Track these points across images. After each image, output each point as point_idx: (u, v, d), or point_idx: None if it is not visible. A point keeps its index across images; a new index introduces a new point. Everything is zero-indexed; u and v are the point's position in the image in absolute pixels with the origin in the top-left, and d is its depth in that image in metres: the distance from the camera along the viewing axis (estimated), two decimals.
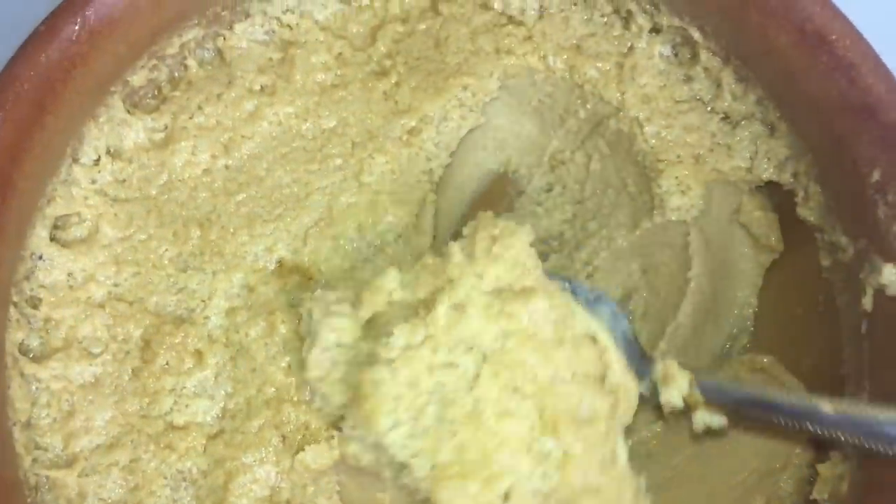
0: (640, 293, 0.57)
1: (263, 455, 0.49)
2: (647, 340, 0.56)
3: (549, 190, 0.60)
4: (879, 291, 0.44)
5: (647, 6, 0.53)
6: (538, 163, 0.60)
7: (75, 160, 0.51)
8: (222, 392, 0.50)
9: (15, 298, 0.48)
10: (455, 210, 0.59)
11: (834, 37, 0.45)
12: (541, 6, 0.56)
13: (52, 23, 0.47)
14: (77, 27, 0.47)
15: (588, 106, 0.57)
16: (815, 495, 0.46)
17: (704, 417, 0.48)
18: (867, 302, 0.45)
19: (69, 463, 0.47)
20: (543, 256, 0.58)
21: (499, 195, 0.60)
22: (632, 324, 0.54)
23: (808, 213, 0.50)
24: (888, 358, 0.43)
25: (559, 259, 0.58)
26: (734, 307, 0.57)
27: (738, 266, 0.57)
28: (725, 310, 0.57)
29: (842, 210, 0.47)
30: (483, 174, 0.60)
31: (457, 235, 0.57)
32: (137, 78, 0.53)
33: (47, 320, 0.50)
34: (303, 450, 0.49)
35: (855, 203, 0.45)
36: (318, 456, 0.49)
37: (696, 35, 0.52)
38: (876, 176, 0.44)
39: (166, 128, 0.54)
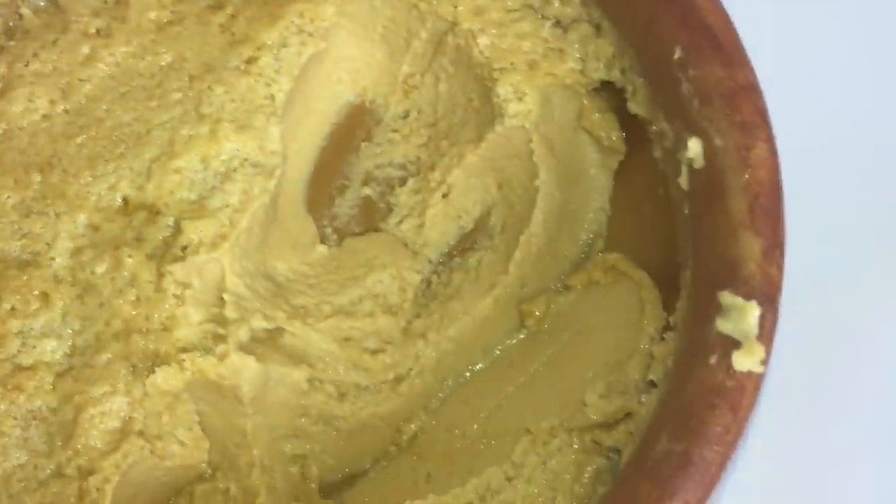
0: (497, 209, 0.58)
1: (113, 386, 0.49)
2: (505, 253, 0.57)
3: (406, 116, 0.60)
4: (691, 168, 0.45)
5: None
6: (392, 90, 0.60)
7: None
8: (69, 330, 0.50)
9: None
10: (314, 142, 0.59)
11: None
12: None
13: None
14: None
15: (427, 25, 0.57)
16: (651, 376, 0.47)
17: None
18: (684, 181, 0.45)
19: None
20: (401, 181, 0.59)
21: (357, 125, 0.60)
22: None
23: (637, 107, 0.51)
24: (701, 230, 0.43)
25: (416, 182, 0.58)
26: (588, 212, 0.58)
27: (587, 172, 0.57)
28: (579, 216, 0.58)
29: (660, 97, 0.48)
30: (340, 106, 0.60)
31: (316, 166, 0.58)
32: None
33: None
34: (153, 373, 0.49)
35: (667, 86, 0.46)
36: (169, 377, 0.49)
37: None
38: (678, 53, 0.44)
39: (3, 77, 0.54)
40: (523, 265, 0.56)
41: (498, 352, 0.57)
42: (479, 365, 0.57)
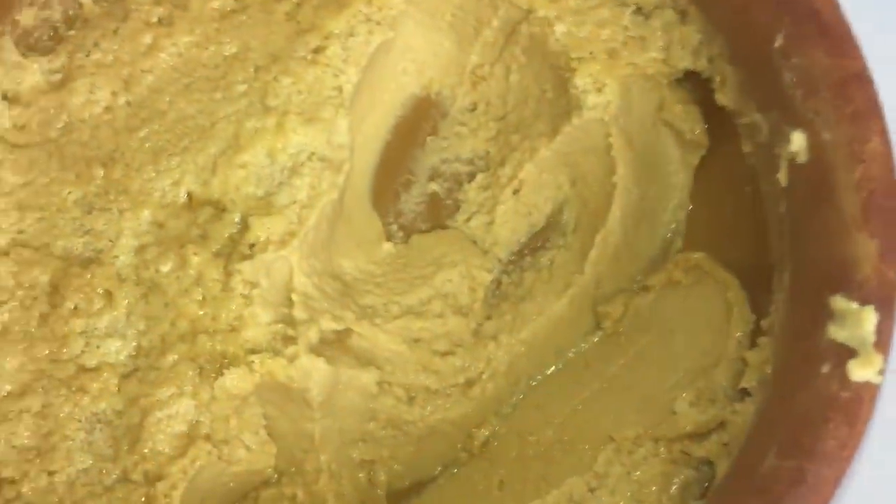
0: (570, 205, 0.56)
1: (180, 389, 0.48)
2: (579, 252, 0.55)
3: (473, 109, 0.58)
4: (792, 163, 0.42)
5: None
6: (459, 82, 0.58)
7: None
8: (134, 330, 0.49)
9: None
10: (379, 136, 0.57)
11: None
12: None
13: None
14: None
15: (500, 13, 0.55)
16: (743, 384, 0.44)
17: None
18: (782, 177, 0.43)
19: None
20: (469, 176, 0.57)
21: (423, 118, 0.58)
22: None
23: (725, 97, 0.48)
24: (804, 230, 0.41)
25: (485, 178, 0.56)
26: (666, 210, 0.55)
27: (666, 167, 0.55)
28: (657, 214, 0.55)
29: (754, 86, 0.45)
30: (406, 98, 0.58)
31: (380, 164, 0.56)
32: (26, 16, 0.51)
33: None
34: (221, 375, 0.47)
35: (764, 75, 0.43)
36: (238, 380, 0.48)
37: None
38: (779, 41, 0.42)
39: (63, 68, 0.52)
40: (599, 264, 0.54)
41: (571, 354, 0.55)
42: (553, 368, 0.55)
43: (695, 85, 0.52)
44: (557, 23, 0.52)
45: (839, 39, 0.39)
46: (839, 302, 0.37)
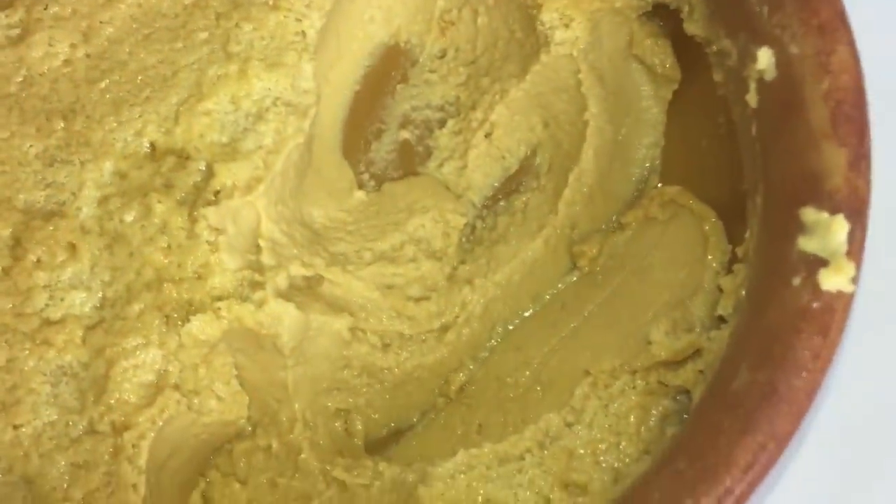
0: (543, 147, 0.55)
1: (146, 338, 0.47)
2: (553, 193, 0.54)
3: (443, 56, 0.57)
4: (761, 81, 0.41)
5: None
6: (428, 28, 0.57)
7: None
8: (99, 281, 0.48)
9: None
10: (348, 86, 0.56)
11: None
12: None
13: None
14: None
15: None
16: (720, 311, 0.43)
17: None
18: (752, 98, 0.42)
19: None
20: (440, 123, 0.56)
21: (392, 67, 0.57)
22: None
23: (694, 26, 0.47)
24: (774, 148, 0.40)
25: (456, 123, 0.55)
26: (640, 148, 0.55)
27: (639, 104, 0.54)
28: (631, 151, 0.54)
29: (721, 11, 0.44)
30: (374, 47, 0.57)
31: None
32: None
33: None
34: (188, 322, 0.46)
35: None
36: (205, 326, 0.47)
37: None
38: None
39: (21, 23, 0.52)
40: (573, 205, 0.53)
41: (548, 297, 0.54)
42: (529, 311, 0.54)
43: (664, 18, 0.51)
44: None
45: None
46: (809, 213, 0.36)
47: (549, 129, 0.55)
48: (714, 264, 0.47)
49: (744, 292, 0.41)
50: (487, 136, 0.55)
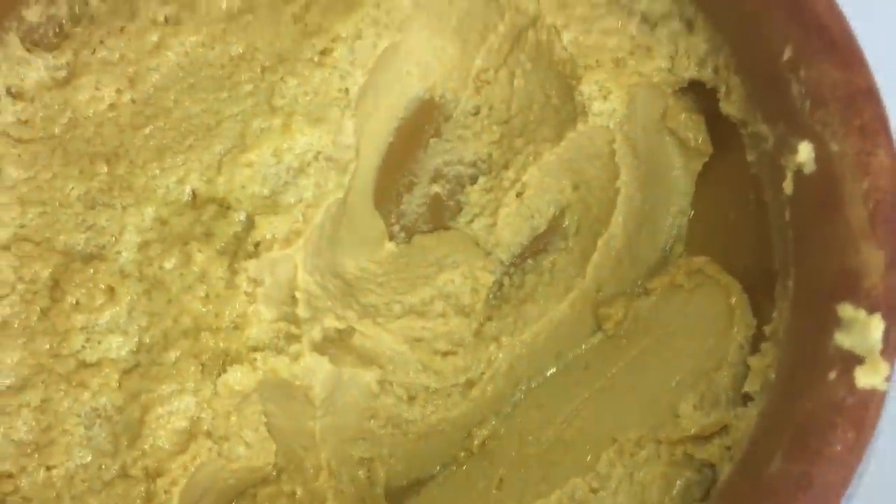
0: (572, 210, 0.56)
1: (181, 385, 0.48)
2: (581, 255, 0.55)
3: (476, 113, 0.58)
4: (798, 173, 0.42)
5: None
6: (463, 85, 0.58)
7: None
8: (136, 326, 0.49)
9: None
10: (382, 137, 0.57)
11: None
12: None
13: None
14: None
15: (506, 19, 0.55)
16: (746, 388, 0.45)
17: None
18: (788, 186, 0.43)
19: None
20: (472, 179, 0.57)
21: (426, 121, 0.59)
22: None
23: (730, 107, 0.49)
24: (809, 239, 0.41)
25: (488, 180, 0.57)
26: (668, 216, 0.56)
27: (669, 173, 0.55)
28: (659, 219, 0.56)
29: (760, 97, 0.46)
30: (409, 101, 0.58)
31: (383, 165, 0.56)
32: (33, 13, 0.51)
33: None
34: (224, 372, 0.47)
35: (771, 86, 0.44)
36: (241, 377, 0.48)
37: None
38: (788, 53, 0.42)
39: (68, 65, 0.52)
40: (601, 268, 0.54)
41: (571, 356, 0.55)
42: (553, 369, 0.55)
43: (699, 93, 0.52)
44: (564, 30, 0.53)
45: (848, 55, 0.40)
46: (846, 310, 0.38)
47: (578, 191, 0.56)
48: (739, 338, 0.48)
49: (773, 375, 0.42)
50: (518, 195, 0.56)
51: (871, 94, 0.40)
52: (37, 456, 0.47)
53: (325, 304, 0.51)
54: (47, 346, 0.48)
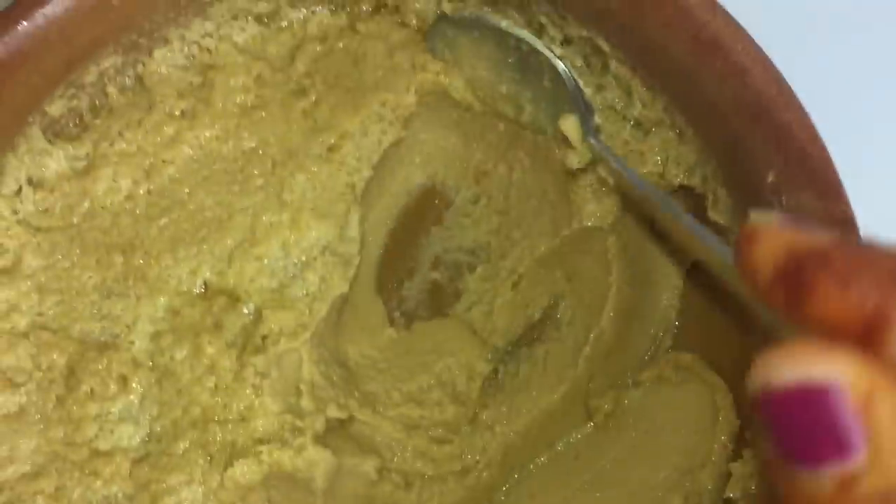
0: (565, 300, 0.58)
1: (190, 476, 0.49)
2: (573, 346, 0.57)
3: (476, 201, 0.61)
4: None
5: (557, 18, 0.54)
6: (464, 175, 0.61)
7: None
8: (147, 416, 0.51)
9: None
10: (385, 224, 0.60)
11: (727, 43, 0.46)
12: None
13: None
14: None
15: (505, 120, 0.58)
16: (728, 493, 0.47)
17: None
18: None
19: None
20: (470, 267, 0.59)
21: (428, 207, 0.61)
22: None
23: (717, 215, 0.51)
24: None
25: (485, 269, 0.59)
26: (657, 310, 0.58)
27: (658, 270, 0.58)
28: (649, 313, 0.58)
29: (746, 210, 0.48)
30: (412, 188, 0.61)
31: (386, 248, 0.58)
32: (55, 107, 0.53)
33: None
34: (231, 466, 0.49)
35: (755, 203, 0.46)
36: (247, 471, 0.49)
37: (604, 45, 0.53)
38: (771, 177, 0.45)
39: (87, 156, 0.55)
40: (592, 361, 0.56)
41: (560, 446, 0.57)
42: (544, 458, 0.57)
43: (689, 198, 0.55)
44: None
45: (827, 185, 0.43)
46: None
47: (571, 283, 0.58)
48: (722, 437, 0.50)
49: (753, 486, 0.44)
50: (514, 285, 0.58)
51: (848, 224, 0.42)
52: None
53: (329, 393, 0.53)
54: (62, 434, 0.50)
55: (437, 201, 0.61)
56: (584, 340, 0.56)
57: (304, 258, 0.54)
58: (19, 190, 0.53)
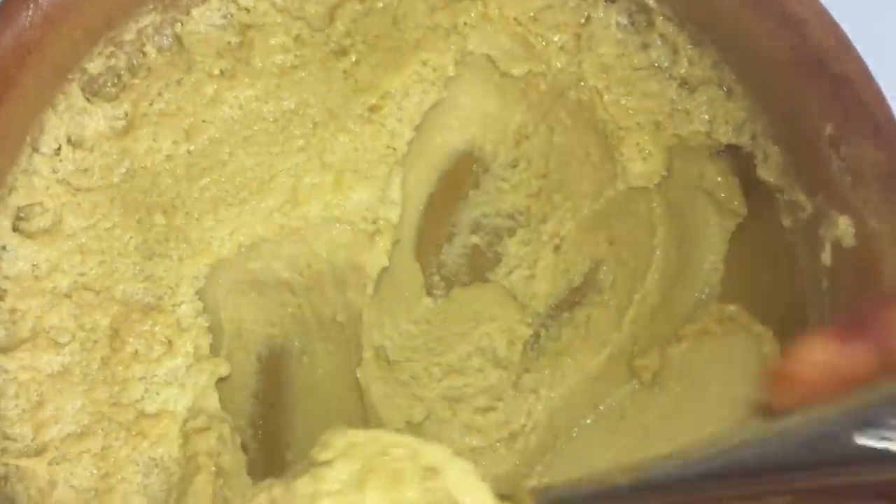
0: (608, 263, 0.58)
1: None
2: (616, 310, 0.57)
3: (515, 165, 0.60)
4: (837, 245, 0.44)
5: None
6: (502, 139, 0.60)
7: (35, 149, 0.51)
8: (193, 381, 0.50)
9: None
10: (423, 189, 0.59)
11: None
12: None
13: (4, 9, 0.46)
14: (30, 13, 0.47)
15: (548, 78, 0.57)
16: None
17: None
18: (826, 257, 0.45)
19: (39, 452, 0.47)
20: (510, 231, 0.59)
21: (465, 173, 0.60)
22: None
23: (767, 174, 0.51)
24: (846, 309, 0.43)
25: (526, 233, 0.58)
26: (701, 273, 0.57)
27: (703, 232, 0.57)
28: (693, 276, 0.57)
29: (799, 168, 0.48)
30: (449, 153, 0.60)
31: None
32: (95, 65, 0.53)
33: (13, 311, 0.50)
34: None
35: (810, 160, 0.46)
36: None
37: (651, 2, 0.52)
38: (829, 130, 0.44)
39: (126, 115, 0.54)
40: (636, 324, 0.56)
41: (603, 407, 0.57)
42: (589, 419, 0.56)
43: (736, 158, 0.54)
44: (605, 92, 0.55)
45: (890, 134, 0.42)
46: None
47: (614, 246, 0.58)
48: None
49: None
50: (556, 249, 0.58)
51: None
52: (96, 502, 0.48)
53: None
54: (107, 395, 0.49)
55: (474, 166, 0.60)
56: (628, 304, 0.56)
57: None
58: (59, 149, 0.52)
